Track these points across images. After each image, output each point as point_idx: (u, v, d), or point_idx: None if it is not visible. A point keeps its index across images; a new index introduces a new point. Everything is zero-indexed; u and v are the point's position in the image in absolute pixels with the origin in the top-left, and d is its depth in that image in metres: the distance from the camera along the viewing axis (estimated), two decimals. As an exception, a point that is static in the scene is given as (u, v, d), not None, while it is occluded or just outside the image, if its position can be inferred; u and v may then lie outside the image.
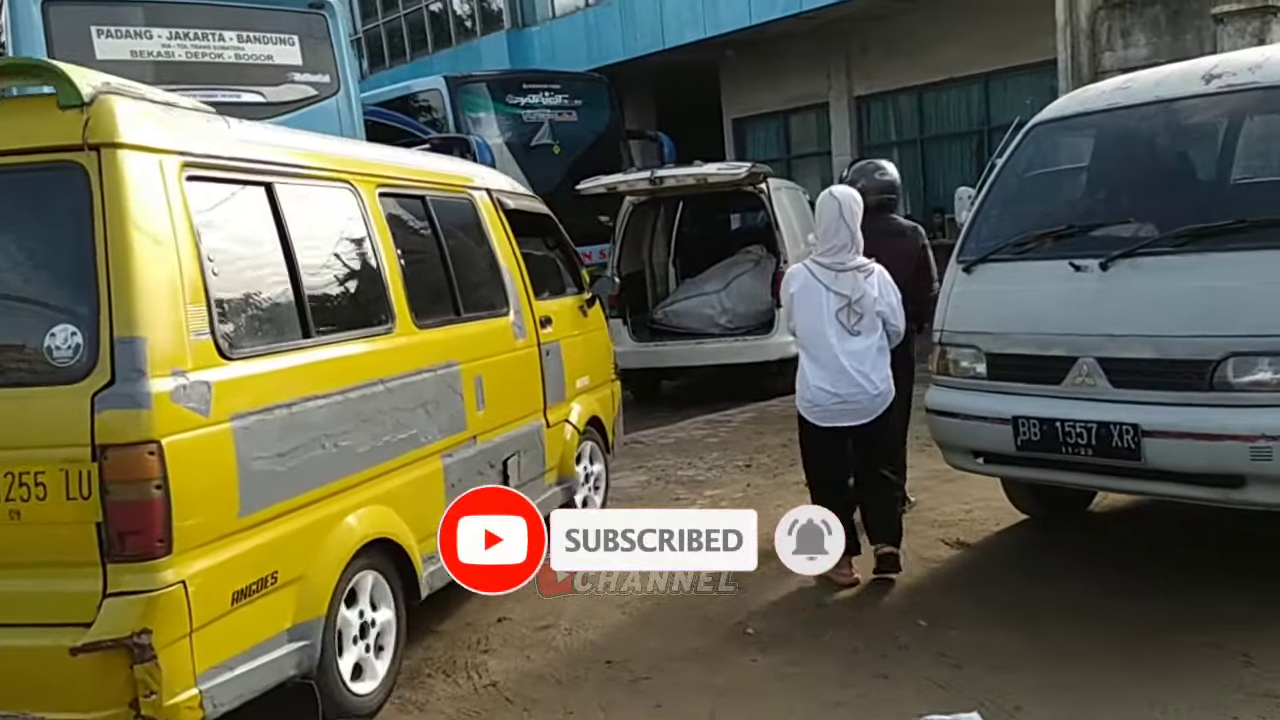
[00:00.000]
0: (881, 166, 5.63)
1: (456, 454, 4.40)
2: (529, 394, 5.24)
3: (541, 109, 13.91)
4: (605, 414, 6.21)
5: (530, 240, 5.88)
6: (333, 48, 9.49)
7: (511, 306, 5.15)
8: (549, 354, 5.44)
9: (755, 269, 10.20)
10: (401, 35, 21.84)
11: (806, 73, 16.79)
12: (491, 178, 5.67)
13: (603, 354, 6.45)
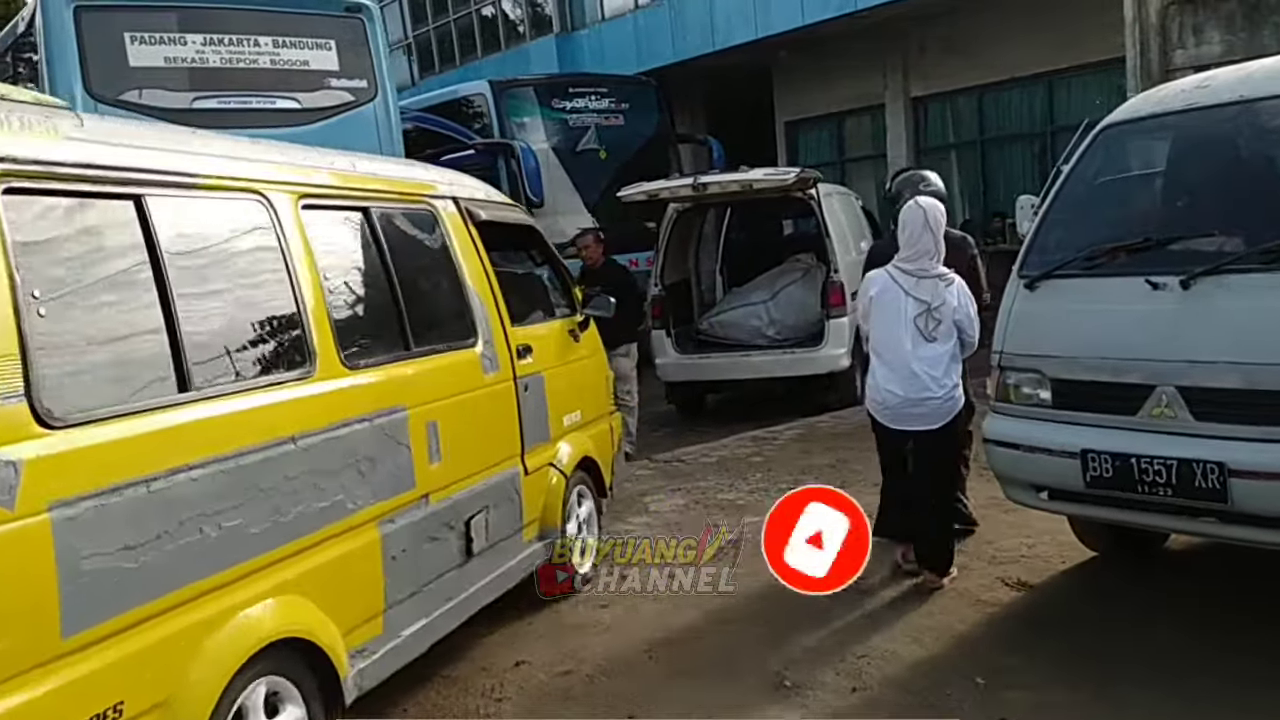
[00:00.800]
0: (927, 178, 5.51)
1: (401, 518, 3.65)
2: (501, 437, 4.51)
3: (588, 113, 13.63)
4: (600, 453, 5.47)
5: (510, 256, 5.26)
6: (370, 53, 9.27)
7: (480, 335, 4.41)
8: (528, 388, 4.70)
9: (804, 278, 9.80)
10: (451, 40, 21.72)
11: (861, 73, 16.33)
12: (461, 185, 4.86)
13: (597, 384, 5.71)
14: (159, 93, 8.23)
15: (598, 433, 5.52)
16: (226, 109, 8.52)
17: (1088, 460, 3.90)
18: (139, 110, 8.15)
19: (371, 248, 3.93)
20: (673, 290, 9.76)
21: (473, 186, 4.99)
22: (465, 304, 4.40)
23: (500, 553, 4.33)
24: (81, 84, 7.90)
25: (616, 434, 5.84)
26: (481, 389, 4.35)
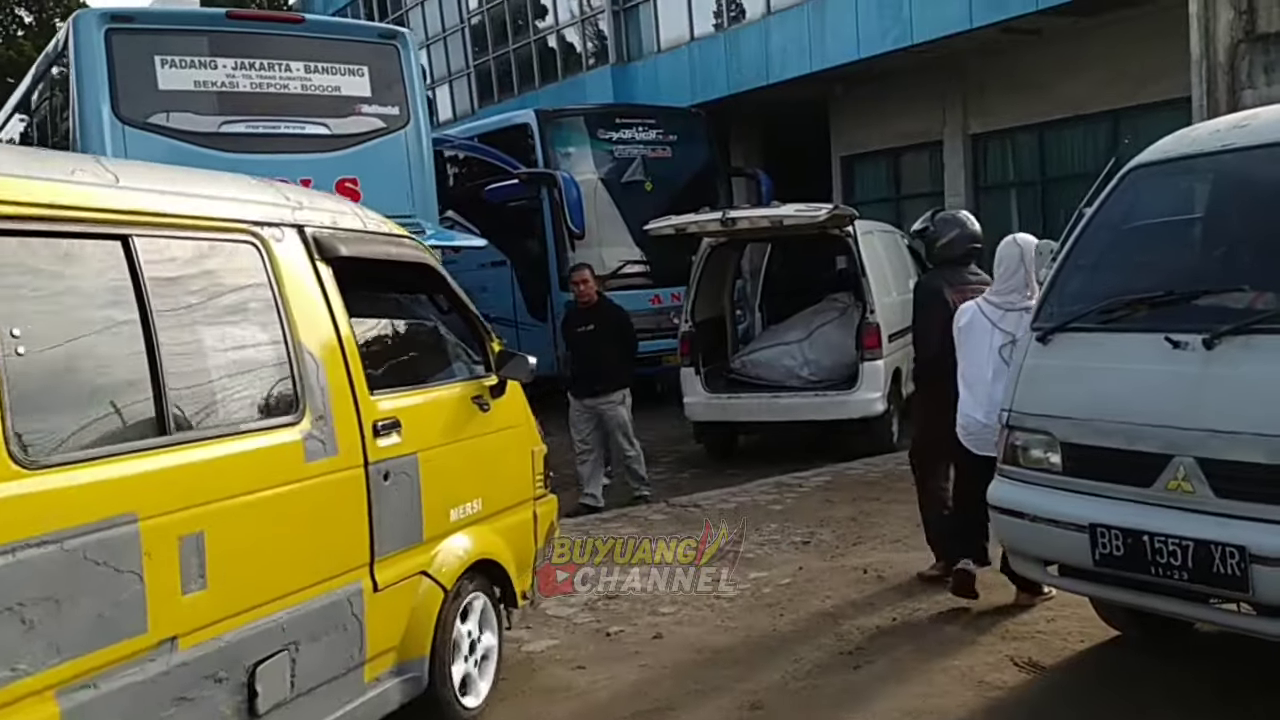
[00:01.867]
0: (966, 217, 5.49)
1: (112, 679, 2.61)
2: (332, 545, 3.39)
3: (634, 144, 13.46)
4: (514, 552, 4.32)
5: (392, 303, 4.30)
6: (404, 79, 9.19)
7: (308, 409, 3.30)
8: (390, 476, 3.60)
9: (840, 318, 9.45)
10: (510, 69, 21.80)
11: (919, 109, 15.94)
12: (318, 210, 3.73)
13: (515, 463, 4.49)
14: (187, 116, 8.22)
15: (511, 525, 4.38)
16: (255, 134, 8.48)
17: (1097, 535, 3.52)
18: (166, 134, 8.15)
19: (124, 291, 2.86)
20: (704, 327, 9.46)
21: (338, 212, 3.87)
22: (288, 367, 3.29)
23: (317, 706, 3.25)
24: (110, 106, 7.91)
25: (545, 523, 4.70)
26: (300, 482, 3.24)
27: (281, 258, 3.41)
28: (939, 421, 5.04)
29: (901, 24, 13.94)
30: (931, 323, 5.18)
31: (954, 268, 5.33)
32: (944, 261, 5.38)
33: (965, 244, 5.34)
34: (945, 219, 5.49)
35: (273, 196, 3.60)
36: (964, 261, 5.35)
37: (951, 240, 5.32)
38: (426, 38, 24.71)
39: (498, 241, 13.67)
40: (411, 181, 9.19)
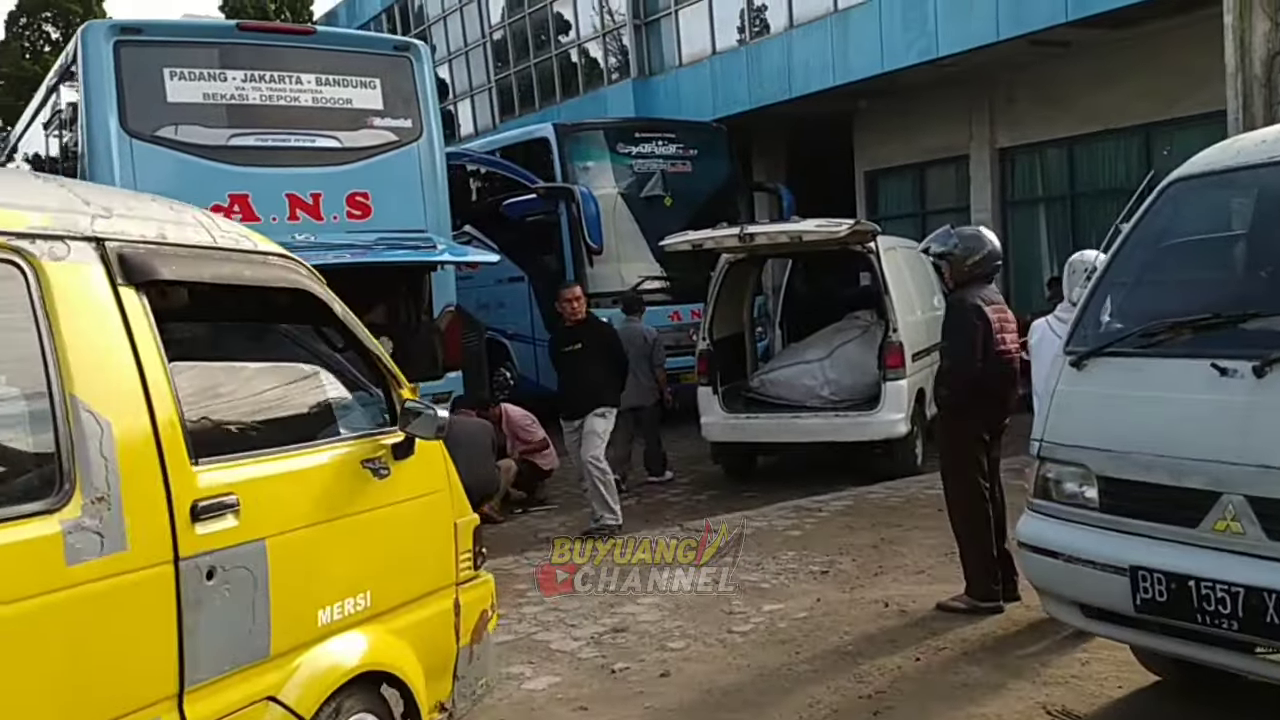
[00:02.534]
0: (989, 234, 5.40)
1: None
2: (109, 676, 2.41)
3: (654, 158, 13.26)
4: (423, 654, 3.31)
5: (246, 339, 3.40)
6: (417, 92, 9.03)
7: (79, 488, 2.34)
8: (215, 574, 2.63)
9: (862, 337, 9.18)
10: (531, 84, 21.69)
11: (945, 123, 15.66)
12: (131, 218, 2.76)
13: (428, 541, 3.47)
14: (196, 129, 8.08)
15: (418, 622, 3.34)
16: (264, 147, 8.33)
17: (1138, 579, 3.25)
18: (174, 147, 8.01)
19: None
20: (722, 345, 9.22)
21: (173, 222, 2.89)
22: (50, 432, 2.34)
23: None
24: (117, 119, 7.79)
25: (473, 613, 3.61)
26: (57, 593, 2.28)
27: (59, 282, 2.44)
28: (973, 447, 5.07)
29: (927, 37, 13.68)
30: (973, 343, 4.99)
31: (981, 286, 5.20)
32: (972, 280, 5.19)
33: (992, 261, 5.27)
34: (972, 236, 5.33)
35: (59, 199, 2.62)
36: (990, 279, 5.29)
37: (983, 258, 5.20)
38: (449, 52, 24.68)
39: (515, 257, 13.51)
40: (424, 195, 9.01)
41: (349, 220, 8.57)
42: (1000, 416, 5.19)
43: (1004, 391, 5.15)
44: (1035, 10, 12.49)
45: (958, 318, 5.14)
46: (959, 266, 5.19)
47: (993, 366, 4.97)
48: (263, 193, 8.22)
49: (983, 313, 5.01)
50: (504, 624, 5.36)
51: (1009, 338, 5.12)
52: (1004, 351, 5.07)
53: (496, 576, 6.36)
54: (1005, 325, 5.12)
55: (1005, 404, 5.19)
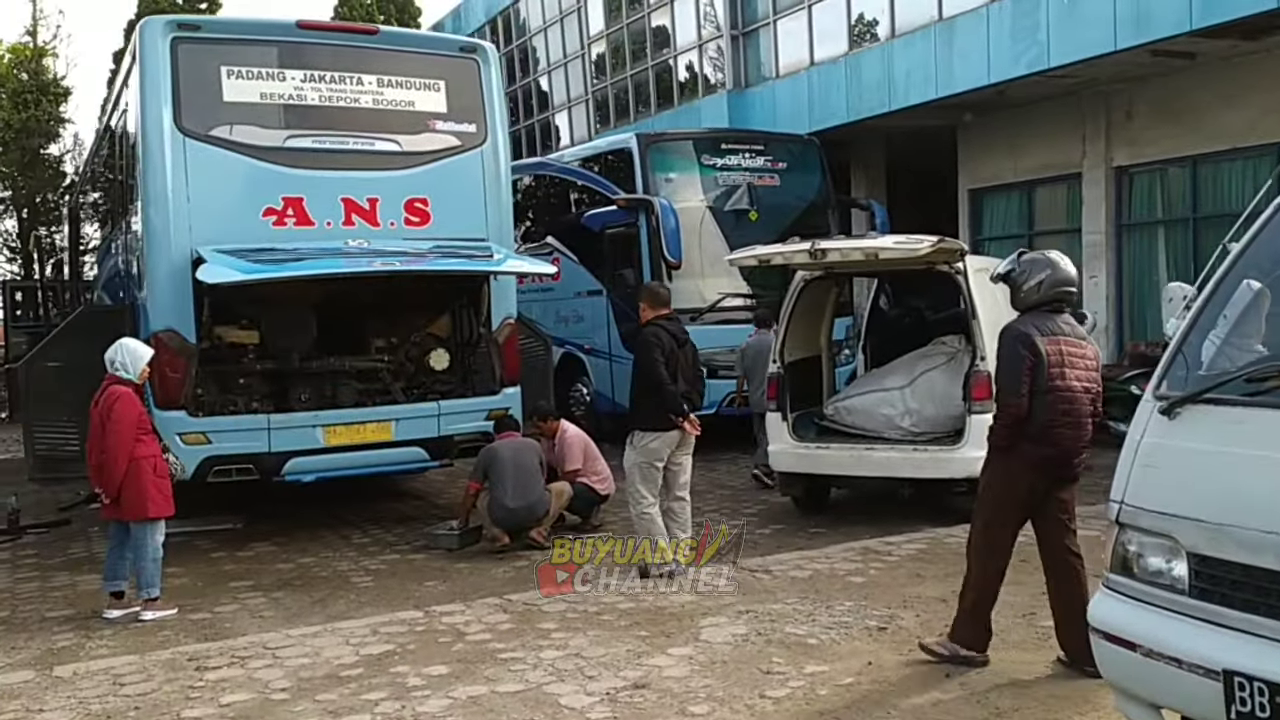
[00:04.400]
0: (1059, 258, 4.84)
1: None
2: None
3: (740, 171, 12.72)
4: None
5: None
6: (483, 95, 8.71)
7: None
8: None
9: (948, 365, 8.44)
10: (627, 95, 21.37)
11: (1057, 139, 14.71)
12: None
13: None
14: (251, 130, 7.90)
15: None
16: (321, 149, 8.11)
17: (1234, 687, 2.59)
18: (229, 147, 7.82)
19: None
20: (794, 369, 8.61)
21: None
22: None
23: None
24: (172, 118, 7.63)
25: None
26: None
27: None
28: (1012, 492, 4.64)
29: (1038, 46, 12.80)
30: (1019, 375, 4.54)
31: (1044, 315, 4.70)
32: (1031, 307, 4.74)
33: (1055, 288, 4.72)
34: (1033, 260, 4.84)
35: None
36: (1055, 308, 4.74)
37: (1040, 283, 4.70)
38: (549, 64, 24.57)
39: (594, 270, 13.15)
40: (487, 203, 8.67)
41: (406, 227, 8.27)
42: (1061, 463, 4.64)
43: (1062, 434, 4.59)
44: (1157, 18, 11.53)
45: (1004, 347, 4.66)
46: (1017, 291, 4.76)
47: (1044, 404, 4.50)
48: (318, 196, 7.98)
49: (1032, 343, 4.54)
50: (516, 671, 4.90)
51: (1076, 374, 4.59)
52: (1062, 389, 4.54)
53: (523, 611, 5.96)
54: (1070, 359, 4.60)
55: (1066, 449, 4.62)
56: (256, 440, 7.82)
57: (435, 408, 8.45)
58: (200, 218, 7.60)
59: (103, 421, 6.24)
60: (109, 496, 6.27)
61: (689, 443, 6.69)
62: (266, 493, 8.63)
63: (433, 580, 6.94)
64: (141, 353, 6.50)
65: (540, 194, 15.03)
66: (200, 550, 8.08)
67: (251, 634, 5.79)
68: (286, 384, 8.30)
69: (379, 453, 8.20)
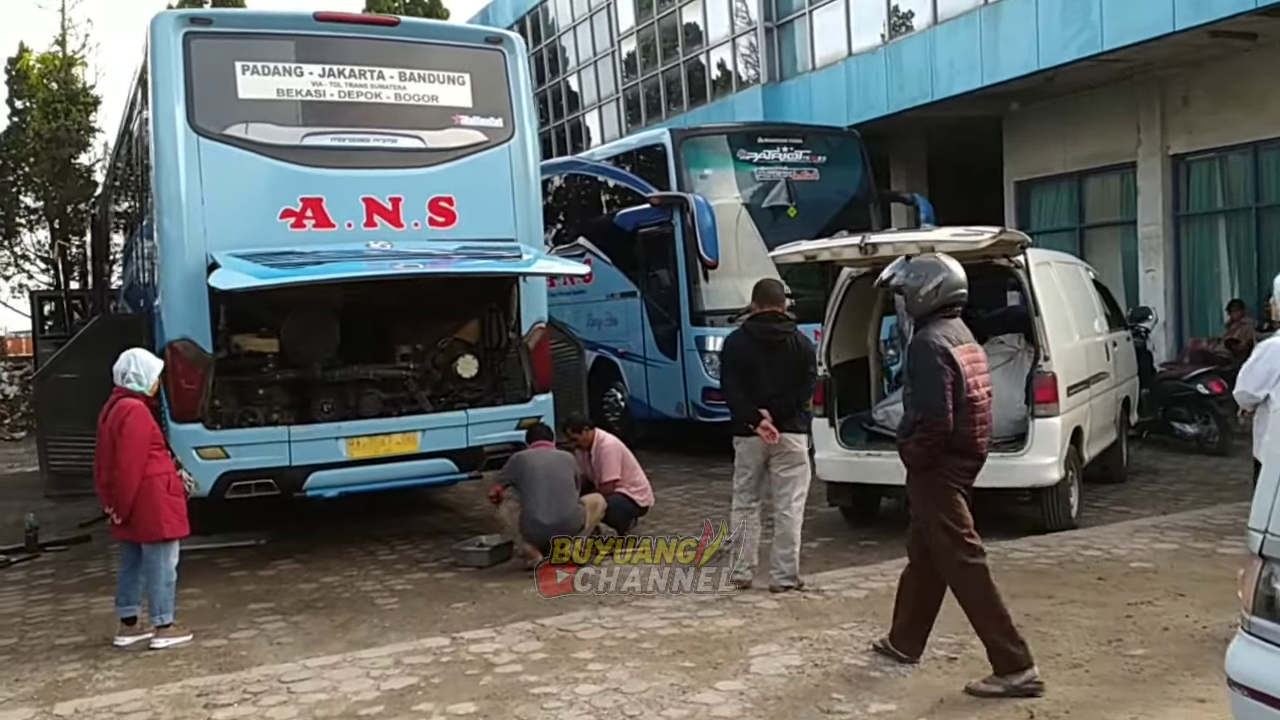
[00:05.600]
0: (948, 263, 4.70)
1: None
2: None
3: (778, 165, 12.24)
4: None
5: None
6: (509, 88, 8.30)
7: None
8: None
9: (1008, 365, 7.91)
10: (659, 92, 20.93)
11: (1108, 127, 14.14)
12: None
13: None
14: (267, 127, 7.53)
15: None
16: (340, 147, 7.73)
17: None
18: (244, 146, 7.46)
19: None
20: (841, 371, 8.13)
21: None
22: None
23: None
24: (185, 116, 7.28)
25: None
26: None
27: None
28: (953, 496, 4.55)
29: (1090, 29, 12.23)
30: (943, 390, 4.43)
31: (944, 323, 4.59)
32: (932, 314, 4.60)
33: (950, 292, 4.61)
34: (923, 265, 4.75)
35: None
36: (951, 314, 4.64)
37: (936, 288, 4.59)
38: (578, 63, 24.20)
39: (628, 271, 12.72)
40: (515, 201, 8.26)
41: (431, 227, 7.88)
42: (974, 475, 4.67)
43: (982, 444, 4.63)
44: (1218, -4, 10.95)
45: (924, 361, 4.51)
46: (913, 299, 4.64)
47: (964, 416, 4.48)
48: (338, 196, 7.60)
49: (950, 356, 4.46)
50: (550, 710, 4.45)
51: (980, 380, 4.59)
52: (977, 398, 4.55)
53: (556, 638, 5.52)
54: (976, 368, 4.60)
55: (984, 457, 4.68)
56: (277, 454, 7.44)
57: (463, 417, 8.04)
58: (215, 221, 7.24)
59: (113, 437, 5.89)
60: (120, 516, 5.91)
61: (784, 453, 6.23)
62: (292, 507, 8.26)
63: (461, 601, 6.53)
64: (154, 364, 6.15)
65: (571, 194, 14.62)
66: (221, 569, 7.72)
67: (267, 664, 5.39)
68: (307, 394, 7.92)
69: (404, 465, 7.81)
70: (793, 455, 6.26)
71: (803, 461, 6.33)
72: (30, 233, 28.59)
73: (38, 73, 25.23)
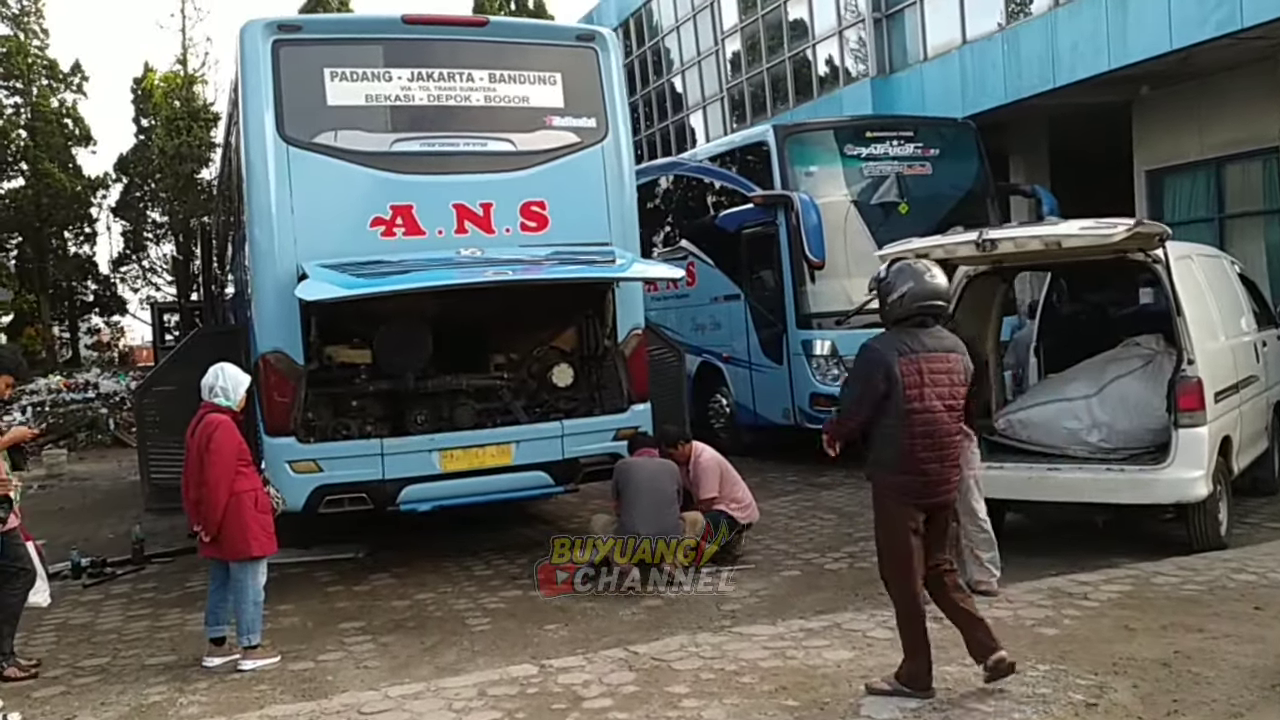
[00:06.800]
0: (926, 269, 4.56)
1: None
2: None
3: (887, 160, 11.65)
4: None
5: None
6: (602, 87, 8.01)
7: None
8: None
9: (1145, 369, 7.26)
10: (764, 89, 20.46)
11: (1249, 111, 13.14)
12: None
13: None
14: (357, 134, 7.40)
15: None
16: (430, 152, 7.55)
17: None
18: (334, 154, 7.32)
19: None
20: (960, 377, 7.54)
21: None
22: None
23: None
24: (274, 125, 7.18)
25: None
26: None
27: None
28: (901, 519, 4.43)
29: (1228, 4, 11.34)
30: (862, 397, 4.46)
31: (908, 331, 4.46)
32: (896, 321, 4.51)
33: (917, 301, 4.46)
34: (900, 270, 4.58)
35: None
36: (920, 323, 4.48)
37: (903, 296, 4.46)
38: (682, 64, 23.90)
39: (732, 273, 12.31)
40: (609, 203, 7.95)
41: (523, 233, 7.63)
42: (928, 489, 4.42)
43: (924, 458, 4.37)
44: (1377, -40, 10.00)
45: (857, 364, 4.58)
46: (882, 304, 4.56)
47: (902, 428, 4.33)
48: (428, 203, 7.42)
49: (888, 368, 4.34)
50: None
51: (938, 392, 4.37)
52: (920, 410, 4.34)
53: (650, 669, 5.16)
54: (932, 378, 4.37)
55: (930, 473, 4.40)
56: (370, 467, 7.28)
57: (559, 428, 7.76)
58: (305, 231, 7.11)
59: (200, 453, 5.77)
60: (208, 534, 5.79)
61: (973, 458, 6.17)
62: (390, 518, 8.12)
63: (553, 623, 6.23)
64: (241, 379, 6.02)
65: (674, 196, 14.27)
66: (317, 583, 7.61)
67: (351, 691, 5.18)
68: (400, 405, 7.75)
69: (499, 478, 7.57)
70: (973, 457, 6.19)
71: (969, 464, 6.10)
72: (157, 246, 29.76)
73: (161, 91, 26.15)
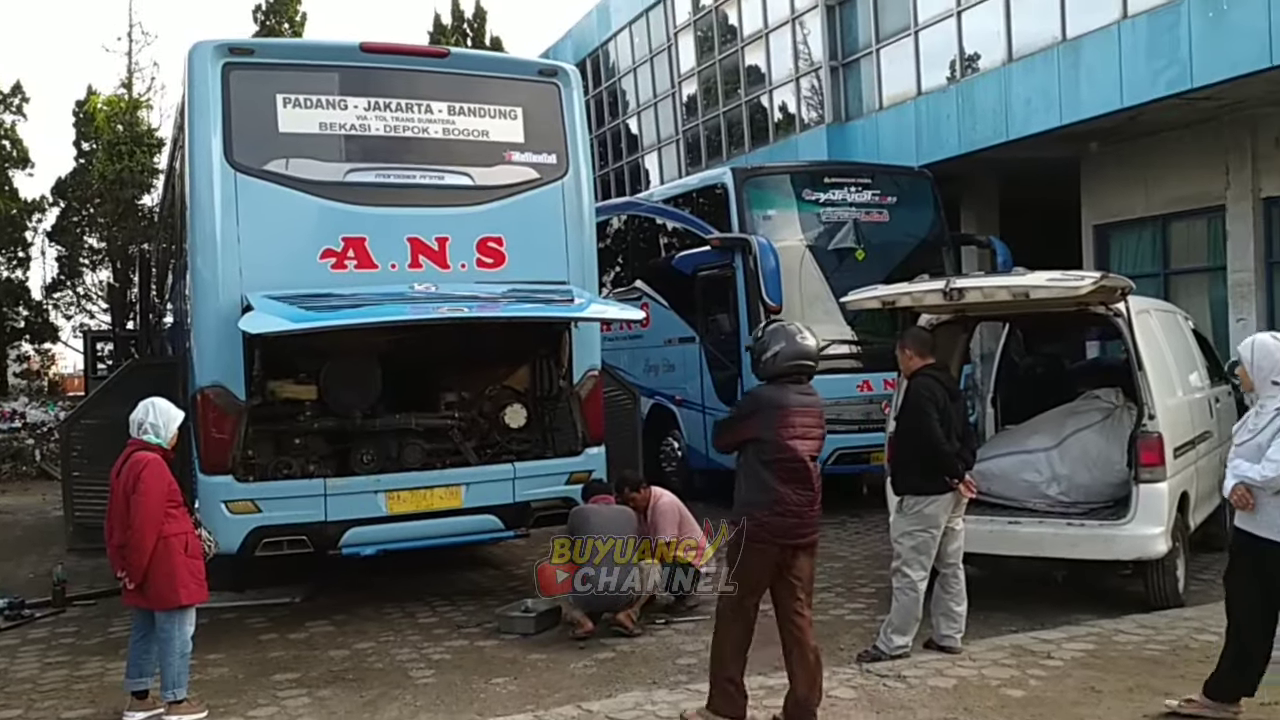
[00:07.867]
0: (797, 331, 4.97)
1: None
2: None
3: (845, 206, 11.64)
4: None
5: None
6: (564, 123, 7.85)
7: None
8: None
9: (1105, 423, 7.21)
10: (720, 133, 20.52)
11: (1195, 169, 13.38)
12: None
13: None
14: (309, 163, 7.14)
15: None
16: (385, 184, 7.32)
17: None
18: (284, 183, 7.05)
19: None
20: (919, 427, 7.45)
21: None
22: None
23: None
24: (222, 151, 6.91)
25: None
26: None
27: None
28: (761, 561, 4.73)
29: (1178, 65, 11.54)
30: (739, 430, 4.92)
31: (782, 387, 4.85)
32: (769, 378, 4.88)
33: (789, 360, 4.85)
34: (773, 331, 4.99)
35: None
36: (794, 379, 4.87)
37: (775, 355, 4.85)
38: (638, 105, 23.94)
39: (687, 315, 12.20)
40: (568, 242, 7.79)
41: (479, 269, 7.43)
42: (796, 531, 4.73)
43: (795, 500, 4.72)
44: (1321, 28, 10.24)
45: (744, 406, 5.19)
46: (755, 362, 4.95)
47: (773, 473, 4.71)
48: (381, 236, 7.19)
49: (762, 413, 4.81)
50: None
51: (807, 445, 4.78)
52: (789, 459, 4.72)
53: (606, 732, 4.92)
54: (803, 430, 4.78)
55: (798, 514, 4.73)
56: (312, 508, 6.97)
57: (510, 470, 7.52)
58: (251, 261, 6.83)
59: (126, 494, 5.43)
60: (133, 581, 5.42)
61: (963, 506, 6.10)
62: (332, 561, 7.78)
63: (501, 676, 5.95)
64: (174, 415, 5.69)
65: (629, 236, 14.16)
66: (250, 630, 7.24)
67: (283, 750, 4.86)
68: (346, 444, 7.45)
69: (447, 521, 7.30)
70: (962, 507, 6.13)
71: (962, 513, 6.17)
72: (93, 272, 28.99)
73: (104, 115, 25.58)
